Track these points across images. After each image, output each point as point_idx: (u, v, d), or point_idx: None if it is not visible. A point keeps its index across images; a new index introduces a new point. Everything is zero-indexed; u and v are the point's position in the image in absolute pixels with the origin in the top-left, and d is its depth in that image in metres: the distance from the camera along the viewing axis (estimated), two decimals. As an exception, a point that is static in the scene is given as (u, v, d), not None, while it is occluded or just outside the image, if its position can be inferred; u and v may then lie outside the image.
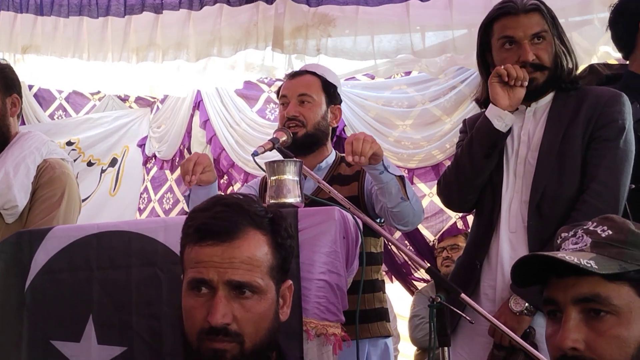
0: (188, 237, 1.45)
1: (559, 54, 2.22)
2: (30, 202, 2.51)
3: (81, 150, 5.17)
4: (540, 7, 2.21)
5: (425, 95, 4.22)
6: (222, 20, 3.73)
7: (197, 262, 1.40)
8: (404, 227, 2.42)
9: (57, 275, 1.91)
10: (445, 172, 2.42)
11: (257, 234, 1.43)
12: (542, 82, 2.22)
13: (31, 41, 3.99)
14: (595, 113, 2.16)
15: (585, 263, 1.23)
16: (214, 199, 1.50)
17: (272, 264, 1.44)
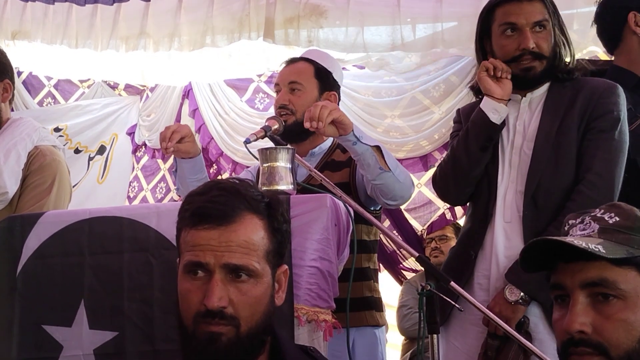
0: (184, 220, 1.45)
1: (558, 44, 2.24)
2: (21, 189, 2.49)
3: (68, 137, 5.14)
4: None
5: (414, 84, 4.22)
6: (214, 9, 3.71)
7: (194, 246, 1.41)
8: (394, 202, 2.36)
9: (48, 260, 1.91)
10: (440, 165, 2.43)
11: (254, 218, 1.44)
12: (539, 71, 2.23)
13: (20, 27, 3.96)
14: (590, 104, 2.19)
15: (593, 247, 1.26)
16: (211, 183, 1.50)
17: (268, 248, 1.45)
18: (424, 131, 4.14)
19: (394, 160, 2.28)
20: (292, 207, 1.83)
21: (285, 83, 2.62)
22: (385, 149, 2.25)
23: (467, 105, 2.55)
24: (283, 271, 1.54)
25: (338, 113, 2.14)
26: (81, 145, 5.18)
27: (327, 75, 2.64)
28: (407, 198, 2.41)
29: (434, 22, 3.57)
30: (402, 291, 4.48)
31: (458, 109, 2.55)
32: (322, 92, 2.62)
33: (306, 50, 2.83)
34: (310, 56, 2.71)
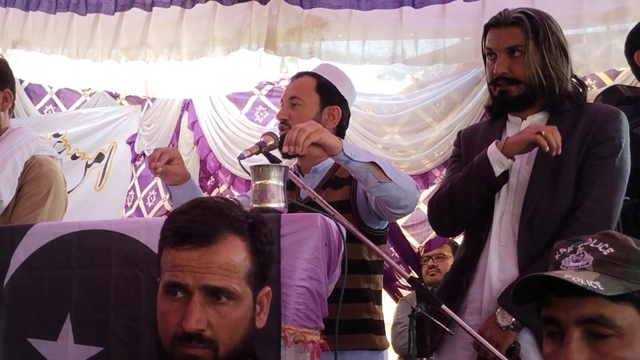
0: (166, 239, 1.44)
1: (545, 68, 2.20)
2: (16, 198, 2.49)
3: (67, 142, 5.13)
4: (521, 21, 2.21)
5: (414, 101, 4.21)
6: (216, 20, 3.71)
7: (174, 266, 1.39)
8: (401, 210, 2.30)
9: (36, 272, 1.89)
10: (437, 198, 2.36)
11: (236, 239, 1.42)
12: (516, 94, 2.23)
13: (21, 36, 3.95)
14: (592, 130, 2.16)
15: (592, 285, 1.22)
16: (195, 201, 1.49)
17: (250, 270, 1.43)
18: (424, 149, 4.13)
19: (393, 170, 2.23)
20: (282, 226, 1.81)
21: (287, 98, 2.63)
22: (382, 161, 2.20)
23: (469, 127, 2.54)
24: (265, 293, 1.52)
25: (319, 135, 2.07)
26: (79, 152, 5.17)
27: (329, 89, 2.62)
28: (413, 205, 2.34)
29: (436, 37, 3.56)
30: (398, 308, 4.45)
31: (459, 131, 2.54)
32: (323, 107, 2.60)
33: (318, 66, 2.81)
34: (318, 70, 2.70)
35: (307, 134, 2.05)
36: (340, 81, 2.67)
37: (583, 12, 3.23)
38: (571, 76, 2.28)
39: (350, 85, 2.72)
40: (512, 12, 2.25)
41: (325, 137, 2.09)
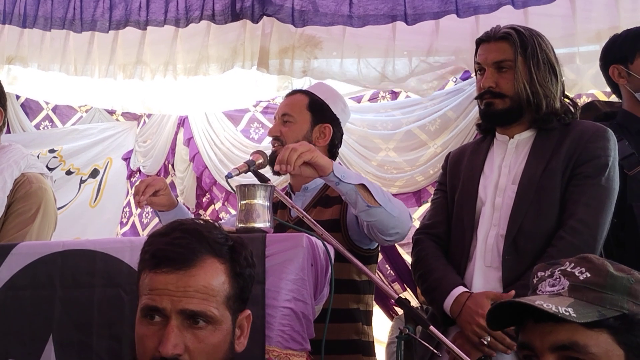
0: (144, 262, 1.42)
1: (527, 85, 2.19)
2: (5, 216, 2.48)
3: (62, 158, 5.14)
4: (510, 36, 2.22)
5: (410, 118, 4.21)
6: (210, 38, 3.71)
7: (151, 290, 1.38)
8: (391, 237, 2.28)
9: (19, 292, 1.89)
10: (413, 262, 2.39)
11: (215, 262, 1.41)
12: (501, 108, 2.23)
13: (17, 52, 3.96)
14: (577, 148, 2.14)
15: (563, 311, 1.21)
16: (174, 223, 1.47)
17: (229, 293, 1.42)
18: (419, 166, 4.12)
19: (384, 195, 2.21)
20: (267, 246, 1.81)
21: (279, 115, 2.63)
22: (373, 185, 2.19)
23: (457, 150, 2.52)
24: (245, 316, 1.50)
25: (310, 155, 2.08)
26: (73, 167, 5.17)
27: (321, 107, 2.62)
28: (404, 233, 2.31)
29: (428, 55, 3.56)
30: (393, 327, 4.42)
31: (448, 154, 2.53)
32: (314, 125, 2.60)
33: (313, 84, 2.81)
34: (312, 89, 2.71)
35: (299, 154, 2.06)
36: (333, 100, 2.66)
37: (576, 31, 3.22)
38: (562, 95, 2.27)
39: (343, 104, 2.72)
40: (503, 28, 2.26)
41: (316, 157, 2.09)
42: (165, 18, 3.66)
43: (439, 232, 2.36)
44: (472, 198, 2.28)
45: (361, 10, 3.46)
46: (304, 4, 3.51)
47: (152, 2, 3.69)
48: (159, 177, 2.46)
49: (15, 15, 3.92)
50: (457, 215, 2.32)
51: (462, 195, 2.32)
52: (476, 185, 2.28)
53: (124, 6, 3.74)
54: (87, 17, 3.80)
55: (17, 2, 3.95)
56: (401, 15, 3.39)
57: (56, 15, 3.83)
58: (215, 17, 3.60)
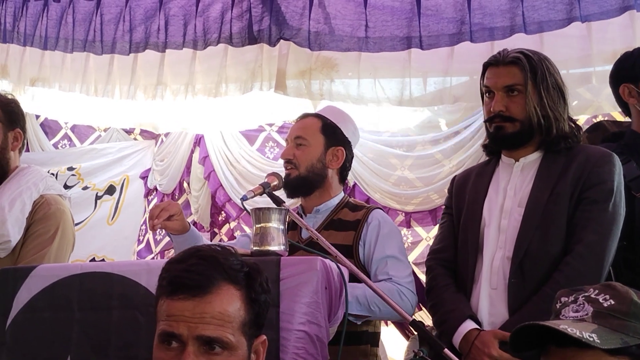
0: (162, 288, 1.45)
1: (543, 108, 2.20)
2: (24, 237, 2.51)
3: (81, 176, 5.20)
4: (520, 61, 2.22)
5: (425, 138, 4.22)
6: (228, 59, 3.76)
7: (168, 316, 1.40)
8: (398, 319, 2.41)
9: (38, 314, 1.91)
10: (427, 290, 2.42)
11: (231, 289, 1.43)
12: (511, 131, 2.23)
13: (39, 73, 4.03)
14: (584, 173, 2.14)
15: (587, 337, 1.22)
16: (191, 250, 1.49)
17: (244, 319, 1.43)
18: (434, 184, 4.12)
19: (374, 300, 2.33)
20: (282, 269, 1.82)
21: (292, 137, 2.66)
22: (364, 298, 2.31)
23: (463, 173, 2.53)
24: (261, 342, 1.52)
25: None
26: (90, 183, 5.22)
27: (333, 130, 2.65)
28: (410, 311, 2.41)
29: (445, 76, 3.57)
30: (408, 347, 4.39)
31: (453, 177, 2.54)
32: (328, 147, 2.63)
33: (323, 107, 2.84)
34: (323, 112, 2.73)
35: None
36: (344, 123, 2.69)
37: (592, 52, 3.22)
38: (567, 118, 2.27)
39: (354, 126, 2.74)
40: (511, 52, 2.27)
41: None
42: (183, 41, 3.71)
43: (447, 257, 2.37)
44: (476, 220, 2.29)
45: (377, 33, 3.48)
46: (320, 27, 3.54)
47: (170, 24, 3.75)
48: (174, 202, 2.51)
49: (36, 37, 3.99)
50: (462, 238, 2.33)
51: (467, 218, 2.33)
52: (480, 207, 2.29)
53: (144, 29, 3.80)
54: (108, 39, 3.86)
55: (38, 25, 4.01)
56: (416, 39, 3.41)
57: (77, 37, 3.89)
58: (232, 40, 3.64)
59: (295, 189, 2.61)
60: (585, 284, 1.95)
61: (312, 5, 3.53)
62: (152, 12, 3.83)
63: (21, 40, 4.05)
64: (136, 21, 3.85)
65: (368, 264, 2.46)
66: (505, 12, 3.27)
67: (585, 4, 3.15)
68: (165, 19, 3.77)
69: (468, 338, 2.12)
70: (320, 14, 3.53)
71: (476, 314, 2.19)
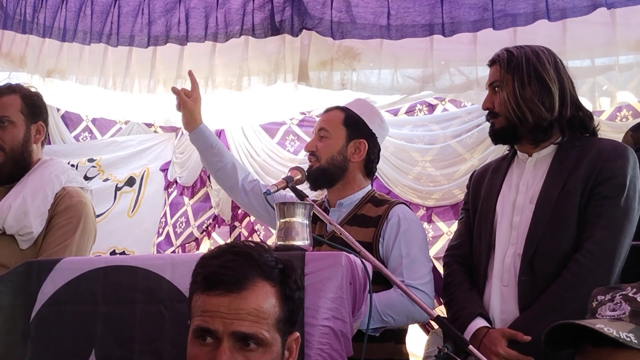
0: (197, 284, 1.45)
1: (512, 102, 2.20)
2: (46, 229, 2.53)
3: (101, 167, 5.21)
4: (497, 59, 2.28)
5: (447, 132, 4.18)
6: (250, 52, 3.73)
7: (204, 311, 1.40)
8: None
9: (63, 307, 1.92)
10: (443, 285, 2.44)
11: (266, 285, 1.43)
12: (498, 127, 2.27)
13: (56, 65, 4.02)
14: (595, 168, 2.11)
15: (624, 337, 1.20)
16: (225, 246, 1.50)
17: (279, 316, 1.43)
18: (455, 179, 4.08)
19: (387, 315, 2.33)
20: (306, 265, 1.81)
21: (316, 129, 2.68)
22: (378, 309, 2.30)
23: (481, 168, 2.52)
24: (294, 339, 1.52)
25: None
26: (110, 175, 5.23)
27: (356, 122, 2.64)
28: (421, 315, 2.38)
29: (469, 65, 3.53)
30: (428, 341, 4.36)
31: (471, 174, 2.53)
32: (350, 140, 2.62)
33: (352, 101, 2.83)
34: (350, 104, 2.73)
35: None
36: (369, 115, 2.68)
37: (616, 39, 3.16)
38: (570, 106, 2.22)
39: (380, 119, 2.73)
40: (499, 51, 2.32)
41: None
42: (205, 33, 3.68)
43: (464, 253, 2.37)
44: (489, 217, 2.28)
45: (399, 21, 3.44)
46: (342, 16, 3.50)
47: (191, 17, 3.72)
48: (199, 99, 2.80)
49: (55, 28, 3.98)
50: (477, 234, 2.33)
51: (481, 214, 2.33)
52: (494, 203, 2.28)
53: (164, 22, 3.77)
54: (125, 32, 3.84)
55: (57, 16, 4.00)
56: (438, 26, 3.36)
57: (95, 29, 3.88)
58: (254, 31, 3.61)
59: (316, 180, 2.61)
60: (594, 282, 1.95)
61: (334, -6, 3.50)
62: (172, 5, 3.80)
63: (40, 31, 4.03)
64: (155, 14, 3.82)
65: (386, 262, 2.44)
66: (529, -1, 3.23)
67: (611, -10, 3.10)
68: (186, 12, 3.74)
69: (477, 336, 2.12)
70: (342, 3, 3.49)
71: (488, 311, 2.18)
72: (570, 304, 1.99)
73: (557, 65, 2.25)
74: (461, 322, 2.18)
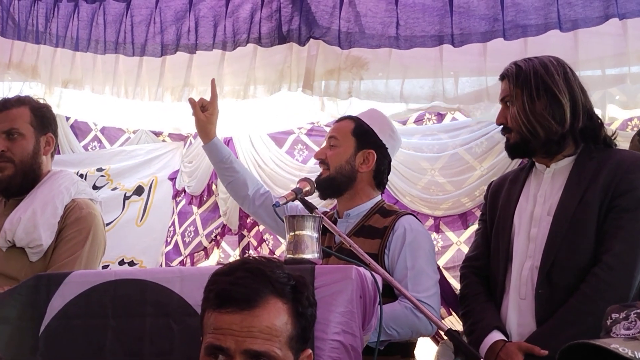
0: (209, 301, 1.45)
1: (522, 116, 2.19)
2: (55, 242, 2.53)
3: (110, 177, 5.21)
4: (506, 74, 2.27)
5: (456, 141, 4.17)
6: (257, 61, 3.73)
7: (216, 329, 1.40)
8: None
9: (72, 321, 1.92)
10: (460, 296, 2.43)
11: (278, 303, 1.42)
12: (513, 142, 2.26)
13: (71, 75, 4.03)
14: (614, 180, 2.09)
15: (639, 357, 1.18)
16: (237, 262, 1.50)
17: (291, 333, 1.43)
18: (464, 188, 4.06)
19: (391, 329, 2.30)
20: (316, 278, 1.81)
21: (327, 138, 2.70)
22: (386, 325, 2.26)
23: (499, 179, 2.50)
24: (307, 355, 1.51)
25: None
26: (119, 184, 5.24)
27: (366, 133, 2.63)
28: (427, 329, 2.40)
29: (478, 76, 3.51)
30: (438, 352, 4.33)
31: (490, 182, 2.51)
32: (358, 150, 2.62)
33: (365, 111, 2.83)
34: (361, 114, 2.74)
35: None
36: (380, 126, 2.67)
37: (628, 50, 3.14)
38: (582, 116, 2.19)
39: (391, 130, 2.72)
40: (508, 66, 2.31)
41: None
42: (213, 42, 3.68)
43: (481, 265, 2.36)
44: (507, 228, 2.26)
45: (408, 31, 3.43)
46: (351, 26, 3.49)
47: (200, 26, 3.73)
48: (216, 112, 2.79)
49: (67, 38, 4.00)
50: (494, 246, 2.31)
51: (498, 226, 2.31)
52: (511, 215, 2.26)
53: (174, 30, 3.78)
54: (139, 40, 3.85)
55: (69, 26, 4.02)
56: (448, 36, 3.35)
57: (108, 38, 3.89)
58: (261, 40, 3.61)
59: (325, 189, 2.62)
60: (613, 296, 1.93)
61: (342, 4, 3.48)
62: (182, 14, 3.81)
63: (53, 41, 4.04)
64: (167, 22, 3.83)
65: (392, 274, 2.41)
66: (540, 9, 3.19)
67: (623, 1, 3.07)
68: (196, 20, 3.75)
69: (494, 349, 2.10)
70: (350, 12, 3.48)
71: (505, 324, 2.17)
72: (588, 319, 1.97)
73: (567, 76, 2.23)
74: (477, 334, 2.16)
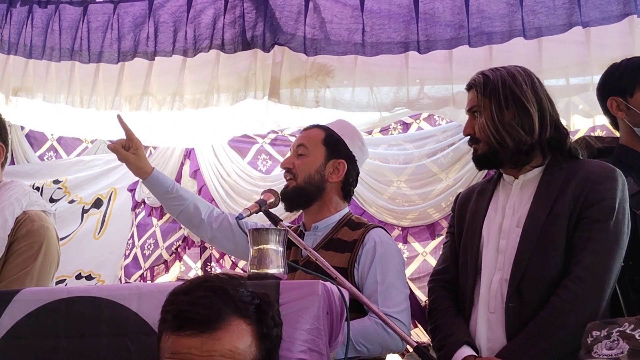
0: (166, 322, 1.34)
1: (490, 126, 2.14)
2: (6, 256, 2.41)
3: (67, 189, 5.08)
4: (474, 84, 2.22)
5: (422, 151, 4.14)
6: (220, 68, 3.65)
7: (174, 353, 1.30)
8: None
9: (22, 341, 1.81)
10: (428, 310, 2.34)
11: (241, 324, 1.34)
12: (481, 153, 2.20)
13: (22, 83, 3.90)
14: (584, 191, 2.05)
15: None
16: (198, 280, 1.40)
17: (255, 356, 1.35)
18: (431, 199, 4.03)
19: (360, 344, 2.24)
20: (281, 294, 1.72)
21: (294, 146, 2.61)
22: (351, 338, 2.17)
23: (466, 190, 2.46)
24: None
25: None
26: (77, 197, 5.10)
27: (336, 142, 2.58)
28: (398, 345, 2.35)
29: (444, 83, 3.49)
30: (404, 365, 4.31)
31: (457, 194, 2.47)
32: (329, 159, 2.56)
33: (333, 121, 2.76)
34: (332, 124, 2.68)
35: None
36: (350, 137, 2.62)
37: (590, 58, 3.15)
38: (550, 126, 2.16)
39: (361, 142, 2.67)
40: (475, 75, 2.26)
41: None
42: (173, 48, 3.60)
43: (449, 278, 2.30)
44: (475, 241, 2.22)
45: (374, 38, 3.40)
46: (316, 32, 3.45)
47: (160, 32, 3.64)
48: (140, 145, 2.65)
49: (20, 45, 3.87)
50: (462, 259, 2.26)
51: (467, 238, 2.26)
52: (480, 227, 2.22)
53: (132, 37, 3.69)
54: (95, 47, 3.74)
55: (22, 33, 3.90)
56: (414, 43, 3.33)
57: (64, 45, 3.78)
58: (225, 46, 3.54)
59: (292, 201, 2.54)
60: (584, 308, 1.90)
61: (307, 10, 3.44)
62: (141, 20, 3.72)
63: (5, 48, 3.92)
64: (125, 29, 3.73)
65: (361, 288, 2.35)
66: (504, 17, 3.21)
67: (587, 9, 3.09)
68: (155, 26, 3.66)
69: None
70: (315, 19, 3.44)
71: (474, 338, 2.11)
72: (559, 332, 1.92)
73: (535, 85, 2.19)
74: (447, 350, 2.10)
